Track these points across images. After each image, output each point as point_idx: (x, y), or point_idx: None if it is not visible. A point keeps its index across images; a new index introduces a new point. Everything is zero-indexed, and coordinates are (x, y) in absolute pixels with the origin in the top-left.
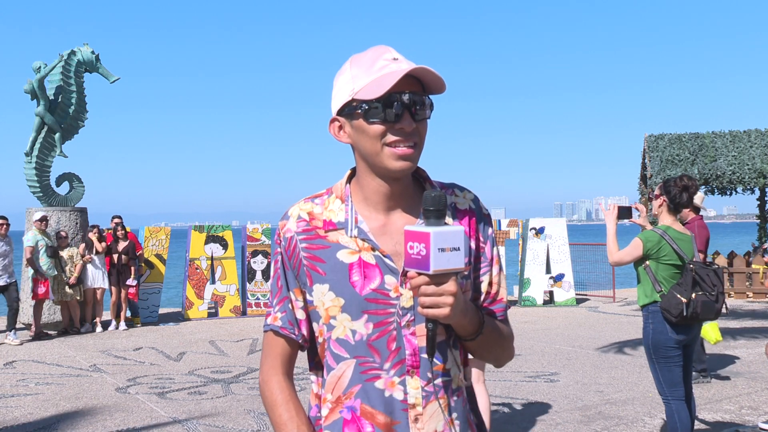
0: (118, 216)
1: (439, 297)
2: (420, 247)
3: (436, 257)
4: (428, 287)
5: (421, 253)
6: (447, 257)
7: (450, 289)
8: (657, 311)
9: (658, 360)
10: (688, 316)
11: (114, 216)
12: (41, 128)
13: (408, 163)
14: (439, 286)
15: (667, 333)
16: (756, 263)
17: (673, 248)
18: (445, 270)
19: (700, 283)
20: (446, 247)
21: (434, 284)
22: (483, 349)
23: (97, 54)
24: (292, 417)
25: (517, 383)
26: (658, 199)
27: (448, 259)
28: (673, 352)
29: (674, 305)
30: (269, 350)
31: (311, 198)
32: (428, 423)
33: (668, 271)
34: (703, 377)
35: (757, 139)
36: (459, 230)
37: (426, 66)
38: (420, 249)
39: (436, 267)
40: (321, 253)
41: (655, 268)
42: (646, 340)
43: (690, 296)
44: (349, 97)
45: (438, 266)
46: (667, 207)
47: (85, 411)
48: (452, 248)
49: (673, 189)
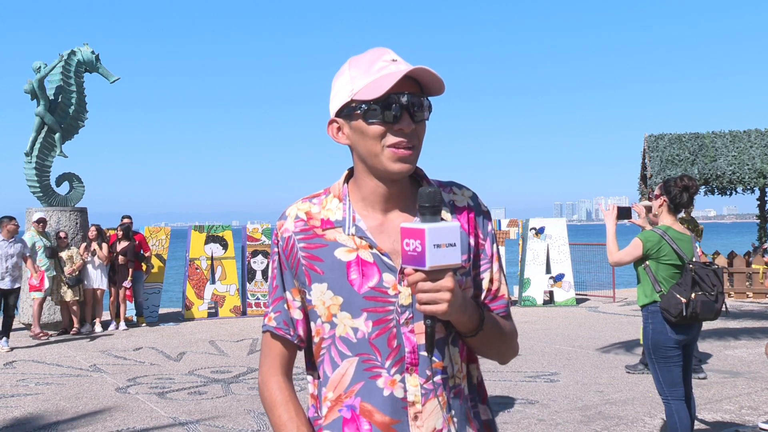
0: (128, 216)
1: (436, 293)
2: (416, 243)
3: (432, 253)
4: (425, 284)
5: (417, 249)
6: (443, 253)
7: (447, 285)
8: (657, 311)
9: (658, 360)
10: (687, 316)
11: (124, 216)
12: (41, 128)
13: (406, 165)
14: (436, 282)
15: (667, 333)
16: (756, 263)
17: (672, 248)
18: (441, 266)
19: (699, 283)
20: (442, 243)
21: (431, 280)
22: (485, 346)
23: (97, 54)
24: (292, 417)
25: (517, 383)
26: (659, 200)
27: (443, 255)
28: (672, 352)
29: (674, 305)
30: (267, 351)
31: (309, 198)
32: (428, 420)
33: (668, 271)
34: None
35: (757, 139)
36: (455, 226)
37: (425, 66)
38: (416, 246)
39: (431, 263)
40: (319, 252)
41: (655, 268)
42: (645, 340)
43: (689, 296)
44: (348, 98)
45: (434, 262)
46: (667, 207)
47: (85, 411)
48: (448, 244)
49: (674, 189)
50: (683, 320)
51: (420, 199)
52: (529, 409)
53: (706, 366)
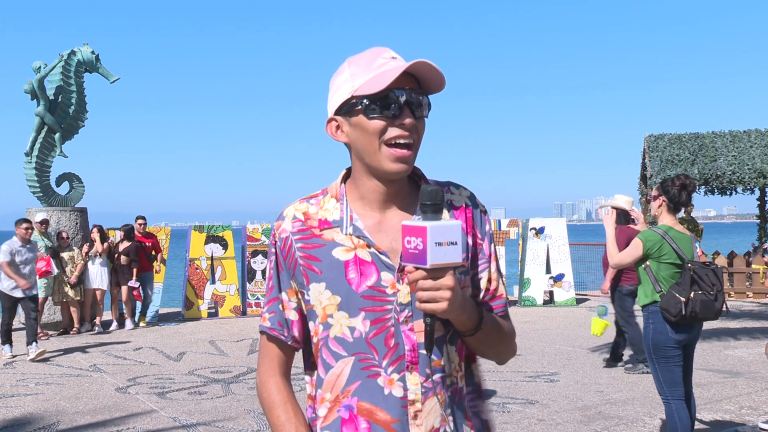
0: (142, 217)
1: (436, 291)
2: (417, 241)
3: (433, 251)
4: (425, 282)
5: (418, 247)
6: (444, 251)
7: (447, 284)
8: (657, 311)
9: (658, 360)
10: (687, 315)
11: (138, 216)
12: (41, 128)
13: (404, 165)
14: (437, 280)
15: (667, 333)
16: (756, 263)
17: (673, 248)
18: (442, 264)
19: (698, 282)
20: (443, 241)
21: (431, 279)
22: (484, 345)
23: (97, 54)
24: (290, 418)
25: (517, 383)
26: (657, 200)
27: (445, 253)
28: (672, 352)
29: (673, 305)
30: (265, 352)
31: (306, 198)
32: (427, 419)
33: (669, 270)
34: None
35: (757, 139)
36: (456, 224)
37: (426, 60)
38: (417, 243)
39: (433, 261)
40: (316, 252)
41: (655, 268)
42: (646, 340)
43: (689, 295)
44: (348, 95)
45: (435, 260)
46: (666, 207)
47: (85, 411)
48: (449, 242)
49: (672, 188)
50: (683, 320)
51: (422, 197)
52: (529, 409)
53: (706, 366)
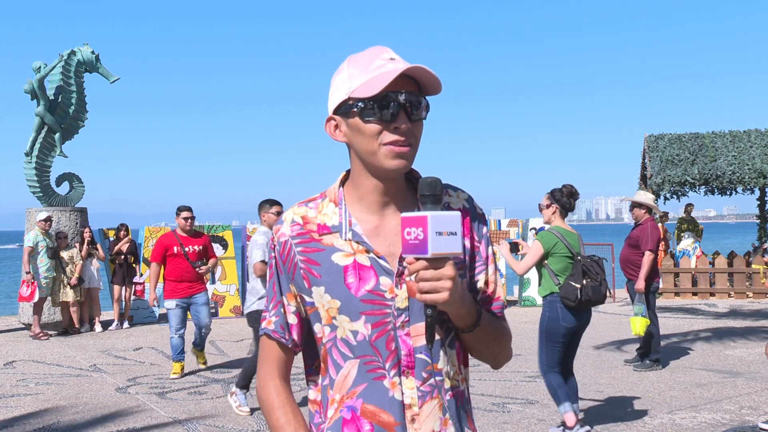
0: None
1: (437, 281)
2: (417, 231)
3: (434, 240)
4: (426, 272)
5: (419, 237)
6: (445, 241)
7: (448, 273)
8: (554, 300)
9: (547, 343)
10: (582, 300)
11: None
12: (41, 128)
13: (403, 161)
14: (437, 270)
15: (560, 321)
16: (756, 263)
17: (565, 244)
18: (443, 254)
19: (587, 272)
20: (444, 230)
21: (432, 269)
22: (481, 344)
23: (97, 54)
24: (290, 420)
25: (517, 383)
26: (550, 208)
27: (445, 243)
28: (560, 339)
29: (571, 291)
30: (265, 354)
31: (305, 202)
32: (425, 423)
33: (563, 262)
34: (656, 365)
35: (757, 139)
36: (456, 215)
37: (422, 65)
38: (417, 233)
39: (434, 250)
40: (316, 257)
41: (552, 263)
42: (541, 325)
43: (582, 282)
44: (345, 96)
45: (436, 249)
46: (559, 212)
47: (85, 411)
48: (449, 232)
49: (562, 197)
50: (580, 304)
51: (421, 188)
52: (529, 409)
53: (706, 366)
